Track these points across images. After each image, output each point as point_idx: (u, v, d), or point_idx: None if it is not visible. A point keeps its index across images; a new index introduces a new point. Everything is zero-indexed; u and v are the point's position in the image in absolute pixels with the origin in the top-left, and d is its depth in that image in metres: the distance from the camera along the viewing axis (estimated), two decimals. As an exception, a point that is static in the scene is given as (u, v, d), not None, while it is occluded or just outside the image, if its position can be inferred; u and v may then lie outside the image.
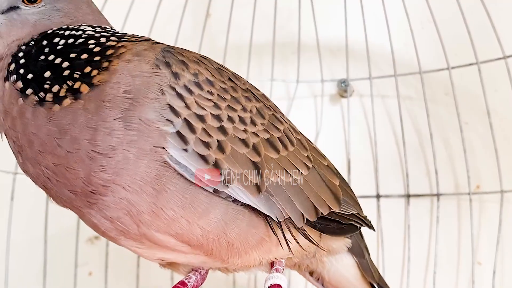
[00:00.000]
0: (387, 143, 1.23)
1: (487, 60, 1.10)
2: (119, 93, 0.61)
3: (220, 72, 0.70)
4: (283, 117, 0.76)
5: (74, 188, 0.63)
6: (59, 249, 1.18)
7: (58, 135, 0.61)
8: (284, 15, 1.27)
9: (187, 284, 0.78)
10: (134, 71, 0.62)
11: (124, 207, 0.63)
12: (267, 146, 0.69)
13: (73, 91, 0.62)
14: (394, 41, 1.18)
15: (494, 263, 1.08)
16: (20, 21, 0.69)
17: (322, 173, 0.76)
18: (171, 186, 0.62)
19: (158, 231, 0.65)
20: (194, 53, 0.69)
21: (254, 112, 0.69)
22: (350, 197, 0.80)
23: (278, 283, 0.72)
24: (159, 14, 1.18)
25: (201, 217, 0.64)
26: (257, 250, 0.70)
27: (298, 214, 0.70)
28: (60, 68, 0.63)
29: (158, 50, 0.65)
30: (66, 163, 0.62)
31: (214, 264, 0.75)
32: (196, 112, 0.63)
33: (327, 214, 0.74)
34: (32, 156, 0.64)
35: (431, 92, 1.22)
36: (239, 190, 0.65)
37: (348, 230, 0.79)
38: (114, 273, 1.18)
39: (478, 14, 1.08)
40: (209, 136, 0.64)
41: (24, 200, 1.12)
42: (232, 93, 0.68)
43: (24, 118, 0.63)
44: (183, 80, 0.64)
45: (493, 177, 1.12)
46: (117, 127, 0.61)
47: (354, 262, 0.85)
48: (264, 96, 0.76)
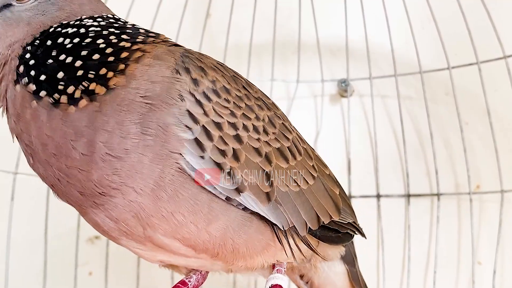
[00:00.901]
0: (387, 143, 1.23)
1: (487, 60, 1.10)
2: (137, 98, 0.61)
3: (235, 79, 0.70)
4: (291, 126, 0.76)
5: (84, 189, 0.63)
6: (59, 249, 1.18)
7: (73, 137, 0.61)
8: (284, 15, 1.27)
9: (188, 284, 0.78)
10: (155, 76, 0.62)
11: (132, 210, 0.63)
12: (277, 155, 0.69)
13: (88, 93, 0.61)
14: (394, 41, 1.18)
15: (494, 263, 1.08)
16: (15, 19, 0.67)
17: (325, 182, 0.76)
18: (184, 192, 0.62)
19: (164, 235, 0.65)
20: (211, 59, 0.69)
21: (266, 121, 0.70)
22: (347, 205, 0.81)
23: (279, 284, 0.73)
24: (159, 14, 1.18)
25: (210, 223, 0.64)
26: (262, 255, 0.70)
27: (302, 222, 0.70)
28: (73, 68, 0.62)
29: (177, 54, 0.65)
30: (80, 165, 0.61)
31: (213, 268, 0.75)
32: (214, 119, 0.63)
33: (327, 223, 0.75)
34: (45, 158, 0.63)
35: (431, 92, 1.22)
36: (250, 199, 0.65)
37: (344, 239, 0.80)
38: (114, 273, 1.18)
39: (478, 13, 1.08)
40: (226, 144, 0.64)
41: (24, 200, 1.12)
42: (246, 101, 0.68)
43: (39, 120, 0.62)
44: (202, 86, 0.64)
45: (493, 177, 1.12)
46: (133, 131, 0.60)
47: (345, 270, 0.86)
48: (274, 105, 0.76)
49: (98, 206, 0.64)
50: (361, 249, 0.90)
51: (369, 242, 0.89)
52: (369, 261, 1.18)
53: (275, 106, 0.76)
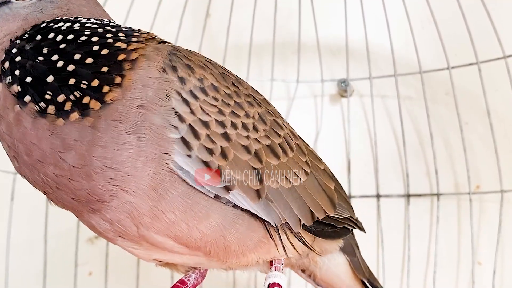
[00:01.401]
0: (387, 143, 1.23)
1: (487, 60, 1.10)
2: (133, 108, 0.60)
3: (224, 77, 0.69)
4: (283, 122, 0.75)
5: (77, 197, 0.62)
6: (59, 249, 1.18)
7: (61, 149, 0.58)
8: (284, 15, 1.27)
9: (187, 283, 0.78)
10: (146, 79, 0.61)
11: (126, 210, 0.63)
12: (268, 152, 0.69)
13: (81, 106, 0.58)
14: (394, 41, 1.18)
15: (494, 263, 1.08)
16: (12, 15, 0.65)
17: (319, 178, 0.76)
18: (174, 191, 0.62)
19: (157, 233, 0.65)
20: (199, 56, 0.69)
21: (256, 118, 0.69)
22: (344, 200, 0.81)
23: (277, 282, 0.72)
24: (159, 14, 1.18)
25: (201, 221, 0.64)
26: (256, 252, 0.70)
27: (296, 219, 0.70)
28: (65, 73, 0.59)
29: (165, 52, 0.64)
30: (70, 175, 0.60)
31: (209, 265, 0.75)
32: (201, 118, 0.63)
33: (322, 219, 0.74)
34: (30, 163, 0.61)
35: (431, 92, 1.22)
36: (240, 196, 0.65)
37: (342, 233, 0.80)
38: (114, 273, 1.18)
39: (478, 14, 1.08)
40: (213, 143, 0.63)
41: (24, 200, 1.12)
42: (235, 99, 0.68)
43: (22, 126, 0.59)
44: (189, 85, 0.63)
45: (493, 177, 1.12)
46: (128, 140, 0.59)
47: (345, 261, 0.86)
48: (265, 101, 0.76)
49: (94, 211, 0.64)
50: (361, 249, 0.90)
51: (369, 242, 0.89)
52: (369, 261, 1.18)
53: (266, 102, 0.75)
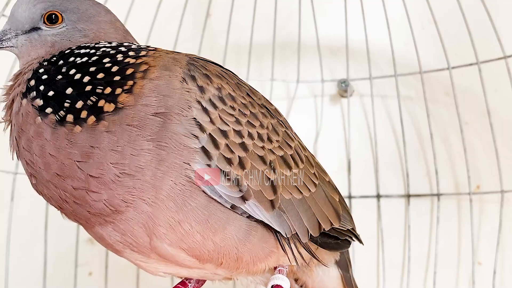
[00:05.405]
0: (387, 143, 1.23)
1: (488, 60, 1.10)
2: (149, 115, 0.60)
3: (239, 87, 0.70)
4: (293, 133, 0.76)
5: (93, 209, 0.62)
6: (59, 249, 1.18)
7: (79, 159, 0.59)
8: (284, 15, 1.27)
9: (188, 285, 0.78)
10: (165, 89, 0.61)
11: (141, 221, 0.62)
12: (281, 163, 0.69)
13: (96, 111, 0.60)
14: (395, 41, 1.18)
15: (494, 263, 1.08)
16: (40, 41, 0.68)
17: (325, 189, 0.76)
18: (192, 202, 0.62)
19: (170, 244, 0.65)
20: (215, 66, 0.69)
21: (270, 129, 0.70)
22: (346, 212, 0.81)
23: (281, 284, 0.73)
24: (159, 14, 1.18)
25: (216, 232, 0.64)
26: (265, 261, 0.71)
27: (304, 229, 0.71)
28: (82, 83, 0.61)
29: (183, 63, 0.64)
30: (88, 187, 0.60)
31: (214, 278, 0.75)
32: (220, 127, 0.63)
33: (327, 230, 0.75)
34: (48, 179, 0.62)
35: (432, 92, 1.22)
36: (255, 206, 0.65)
37: (343, 246, 0.81)
38: (114, 273, 1.18)
39: (478, 14, 1.08)
40: (232, 152, 0.63)
41: (24, 200, 1.12)
42: (251, 109, 0.68)
43: (42, 138, 0.61)
44: (208, 94, 0.63)
45: (493, 177, 1.13)
46: (147, 147, 0.59)
47: (339, 275, 0.86)
48: (277, 111, 0.76)
49: (107, 223, 0.63)
50: (361, 249, 0.90)
51: (369, 242, 0.89)
52: (369, 261, 1.19)
53: (278, 113, 0.76)
